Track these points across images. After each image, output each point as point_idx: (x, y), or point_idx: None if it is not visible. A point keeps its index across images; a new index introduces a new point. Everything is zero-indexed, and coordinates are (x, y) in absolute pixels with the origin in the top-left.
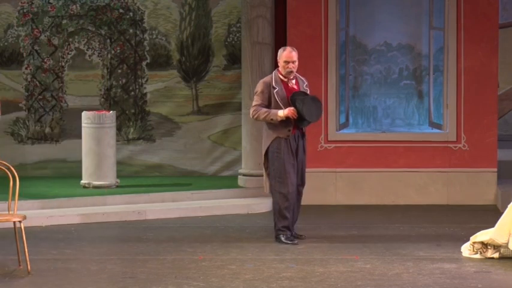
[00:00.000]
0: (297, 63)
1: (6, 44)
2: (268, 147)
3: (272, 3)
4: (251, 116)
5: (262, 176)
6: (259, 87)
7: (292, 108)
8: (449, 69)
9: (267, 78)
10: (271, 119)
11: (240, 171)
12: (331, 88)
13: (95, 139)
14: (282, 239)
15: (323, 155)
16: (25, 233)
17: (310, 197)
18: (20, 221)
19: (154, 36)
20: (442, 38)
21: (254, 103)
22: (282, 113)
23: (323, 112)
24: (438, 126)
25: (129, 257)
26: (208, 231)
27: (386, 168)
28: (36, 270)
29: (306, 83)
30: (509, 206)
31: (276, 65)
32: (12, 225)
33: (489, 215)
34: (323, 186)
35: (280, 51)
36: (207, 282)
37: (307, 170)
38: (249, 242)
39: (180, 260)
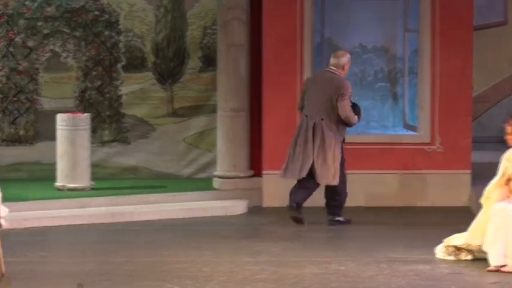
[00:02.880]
0: None
1: None
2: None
3: (248, 5)
4: (348, 116)
5: (236, 178)
6: (351, 89)
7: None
8: (424, 71)
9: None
10: (352, 123)
11: (215, 173)
12: None
13: (70, 141)
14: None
15: None
16: (0, 236)
17: (285, 198)
18: None
19: (129, 39)
20: (417, 40)
21: (349, 106)
22: (355, 120)
23: None
24: (413, 128)
25: (104, 260)
26: (183, 233)
27: (361, 170)
28: (11, 272)
29: None
30: (483, 207)
31: (252, 67)
32: None
33: (463, 217)
34: None
35: (349, 57)
36: (182, 285)
37: None
38: (224, 244)
39: (155, 262)
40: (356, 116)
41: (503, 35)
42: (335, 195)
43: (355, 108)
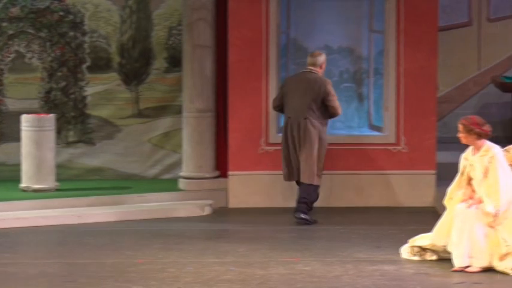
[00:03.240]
0: None
1: None
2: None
3: (213, 6)
4: (340, 114)
5: (202, 178)
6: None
7: None
8: (389, 71)
9: None
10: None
11: (181, 174)
12: (272, 91)
13: (34, 142)
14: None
15: (264, 158)
16: None
17: (251, 199)
18: None
19: (94, 39)
20: (382, 40)
21: (340, 107)
22: None
23: None
24: (378, 129)
25: (69, 261)
26: (148, 234)
27: (327, 170)
28: None
29: None
30: (447, 208)
31: (218, 68)
32: None
33: (428, 217)
34: (264, 189)
35: (325, 56)
36: (147, 286)
37: (248, 172)
38: (190, 245)
39: (120, 263)
40: None
41: (468, 35)
42: (306, 193)
43: None
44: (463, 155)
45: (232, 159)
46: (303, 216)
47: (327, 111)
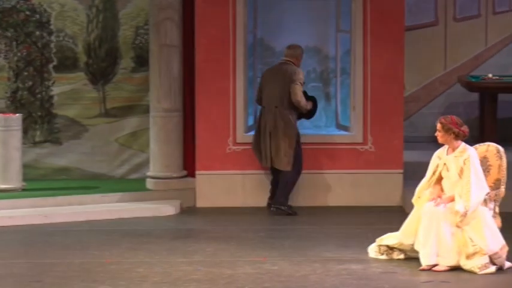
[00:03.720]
0: None
1: None
2: (296, 131)
3: (180, 6)
4: (300, 100)
5: (169, 178)
6: (303, 76)
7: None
8: (355, 71)
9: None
10: (304, 109)
11: (148, 173)
12: (239, 90)
13: (1, 142)
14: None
15: (231, 157)
16: None
17: (218, 199)
18: None
19: (61, 39)
20: (348, 40)
21: (300, 91)
22: (308, 106)
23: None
24: (345, 128)
25: (36, 261)
26: (115, 234)
27: None
28: None
29: None
30: (415, 207)
31: (185, 68)
32: None
33: (395, 216)
34: (231, 189)
35: (302, 49)
36: (115, 286)
37: (216, 172)
38: (157, 245)
39: (88, 263)
40: (310, 103)
41: (435, 35)
42: (283, 180)
43: (310, 99)
44: (436, 154)
45: (200, 158)
46: (281, 207)
47: None
